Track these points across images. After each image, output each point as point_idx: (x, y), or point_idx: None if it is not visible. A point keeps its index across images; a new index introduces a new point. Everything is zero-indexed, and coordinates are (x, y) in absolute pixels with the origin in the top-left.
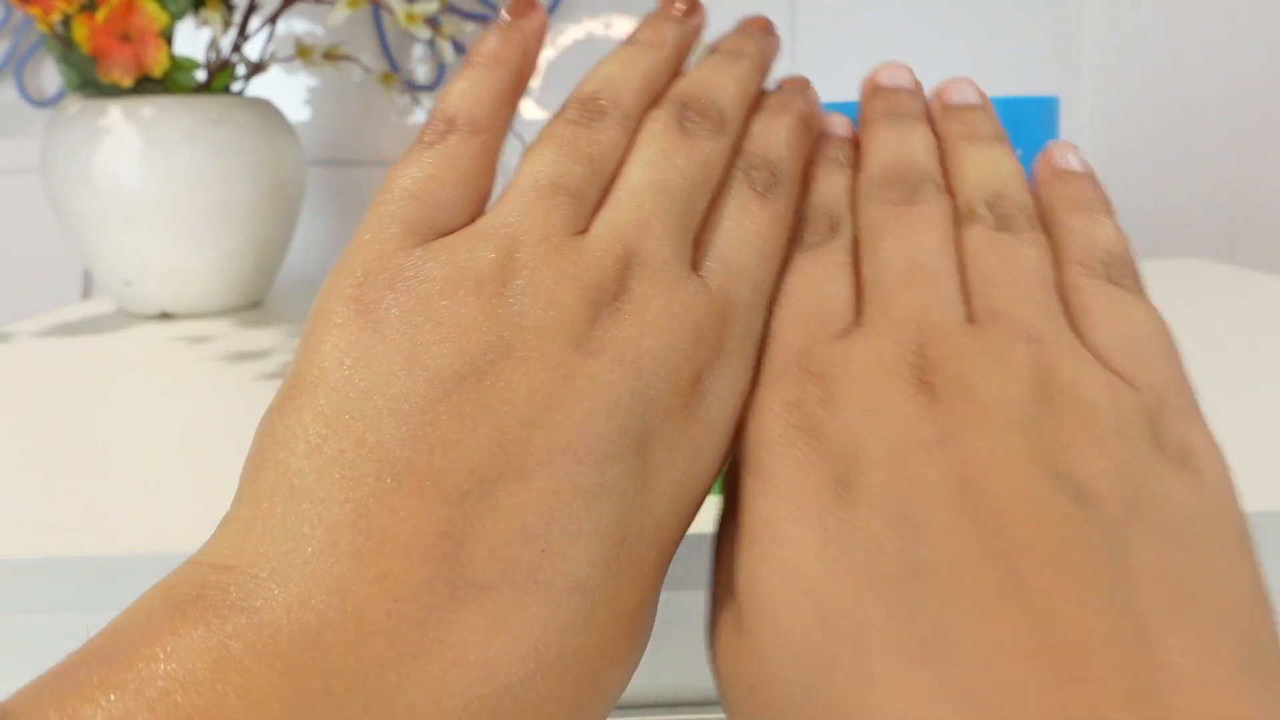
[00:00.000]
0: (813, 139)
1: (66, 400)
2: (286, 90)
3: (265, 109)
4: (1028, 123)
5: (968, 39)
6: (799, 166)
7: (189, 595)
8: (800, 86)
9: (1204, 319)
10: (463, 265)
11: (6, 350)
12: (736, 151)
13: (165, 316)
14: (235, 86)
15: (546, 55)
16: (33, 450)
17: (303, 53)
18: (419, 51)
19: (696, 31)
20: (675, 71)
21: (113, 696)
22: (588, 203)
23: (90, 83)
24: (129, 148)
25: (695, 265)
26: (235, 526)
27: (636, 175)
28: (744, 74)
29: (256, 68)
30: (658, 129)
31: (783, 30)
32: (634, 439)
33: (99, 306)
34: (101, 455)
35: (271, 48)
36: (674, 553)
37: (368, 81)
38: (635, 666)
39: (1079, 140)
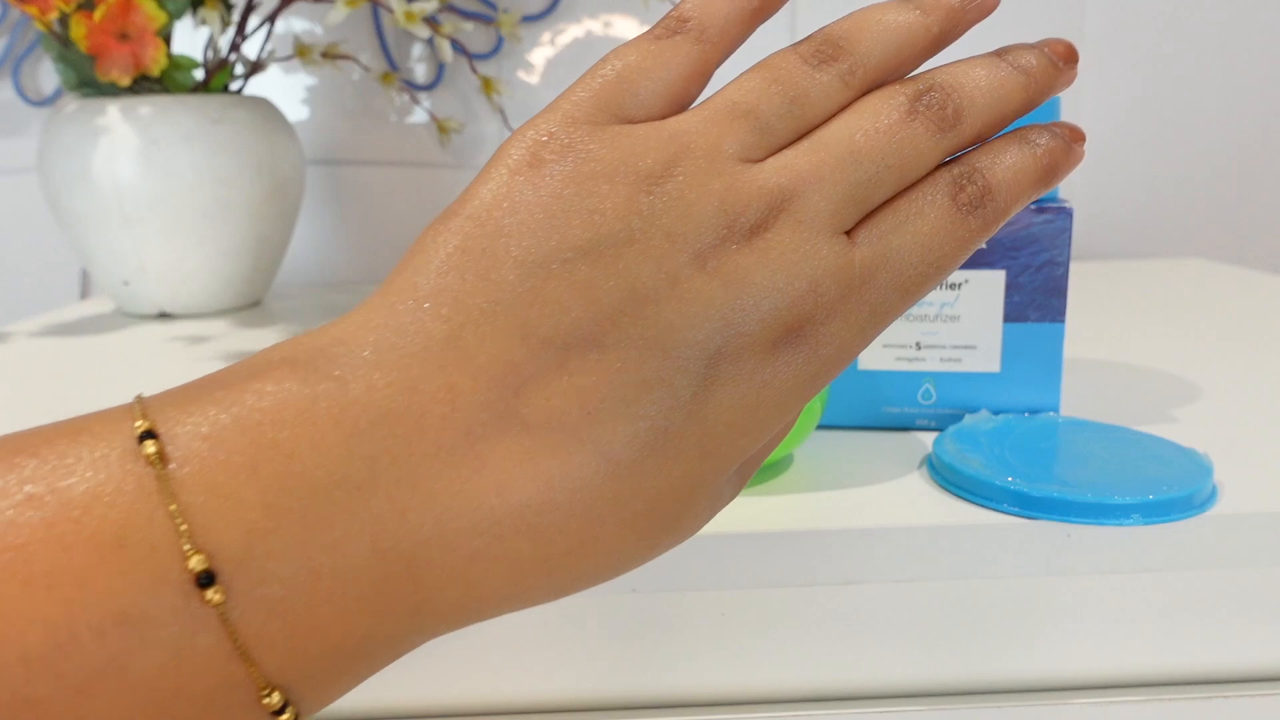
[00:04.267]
0: (1044, 191)
1: (64, 401)
2: (285, 89)
3: (264, 108)
4: (1028, 122)
5: (968, 38)
6: (1016, 206)
7: (304, 354)
8: (1070, 138)
9: (1205, 319)
10: (627, 157)
11: (4, 350)
12: (957, 160)
13: (164, 316)
14: (234, 86)
15: (545, 54)
16: None
17: (301, 52)
18: (418, 50)
19: (982, 13)
20: (935, 48)
21: (217, 411)
22: (774, 137)
23: (88, 82)
24: (127, 147)
25: (852, 232)
26: (365, 308)
27: (834, 132)
28: (1009, 87)
29: (255, 67)
30: (883, 100)
31: (782, 27)
32: (706, 353)
33: (97, 306)
34: None
35: (270, 47)
36: (726, 465)
37: (366, 80)
38: (653, 544)
39: None
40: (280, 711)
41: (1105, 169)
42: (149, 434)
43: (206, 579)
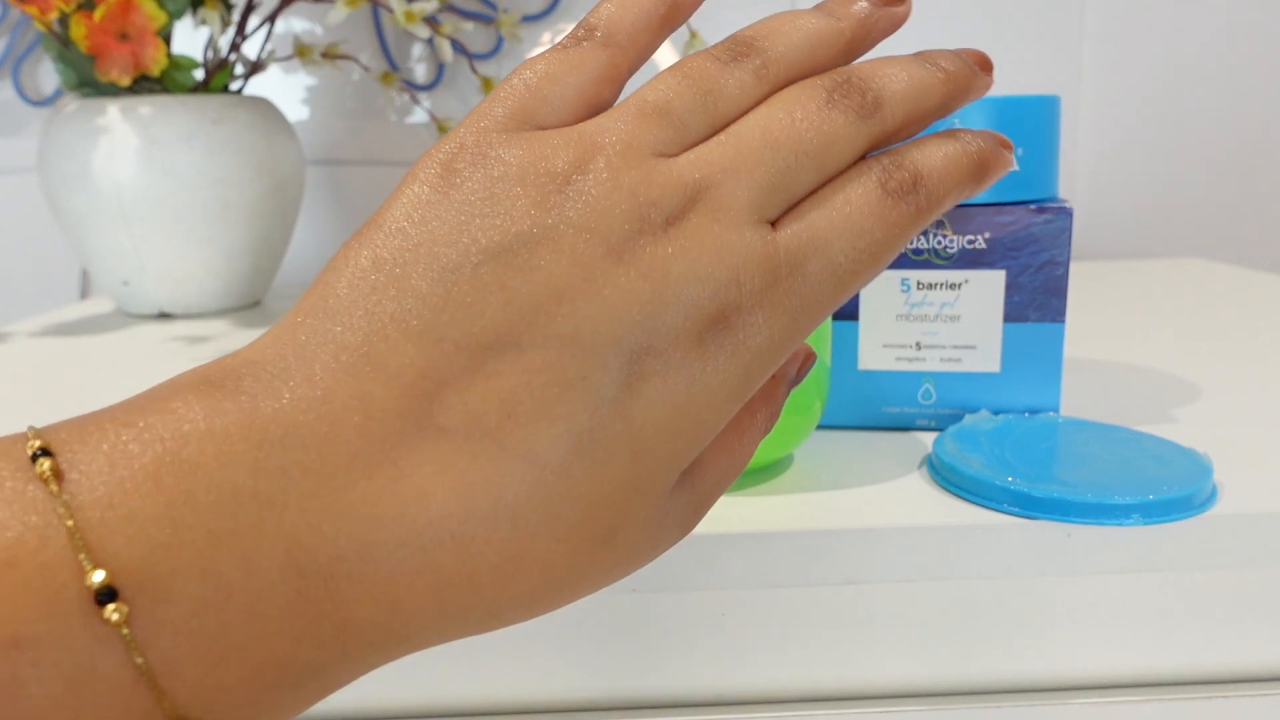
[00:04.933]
0: (976, 189)
1: (64, 400)
2: (285, 89)
3: (264, 108)
4: (1028, 122)
5: (968, 39)
6: (948, 199)
7: (215, 376)
8: (1000, 142)
9: (1205, 319)
10: (539, 159)
11: (4, 350)
12: (885, 152)
13: (163, 316)
14: (234, 85)
15: None
16: None
17: (301, 52)
18: (418, 50)
19: (893, 23)
20: (849, 53)
21: (117, 429)
22: (688, 132)
23: (88, 82)
24: (127, 147)
25: (776, 223)
26: (277, 328)
27: (750, 123)
28: (928, 82)
29: (255, 67)
30: (799, 90)
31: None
32: (629, 348)
33: (97, 306)
34: None
35: (270, 47)
36: (661, 470)
37: (366, 80)
38: (591, 561)
39: (1079, 140)
40: None
41: (1105, 169)
42: (44, 451)
43: (106, 595)
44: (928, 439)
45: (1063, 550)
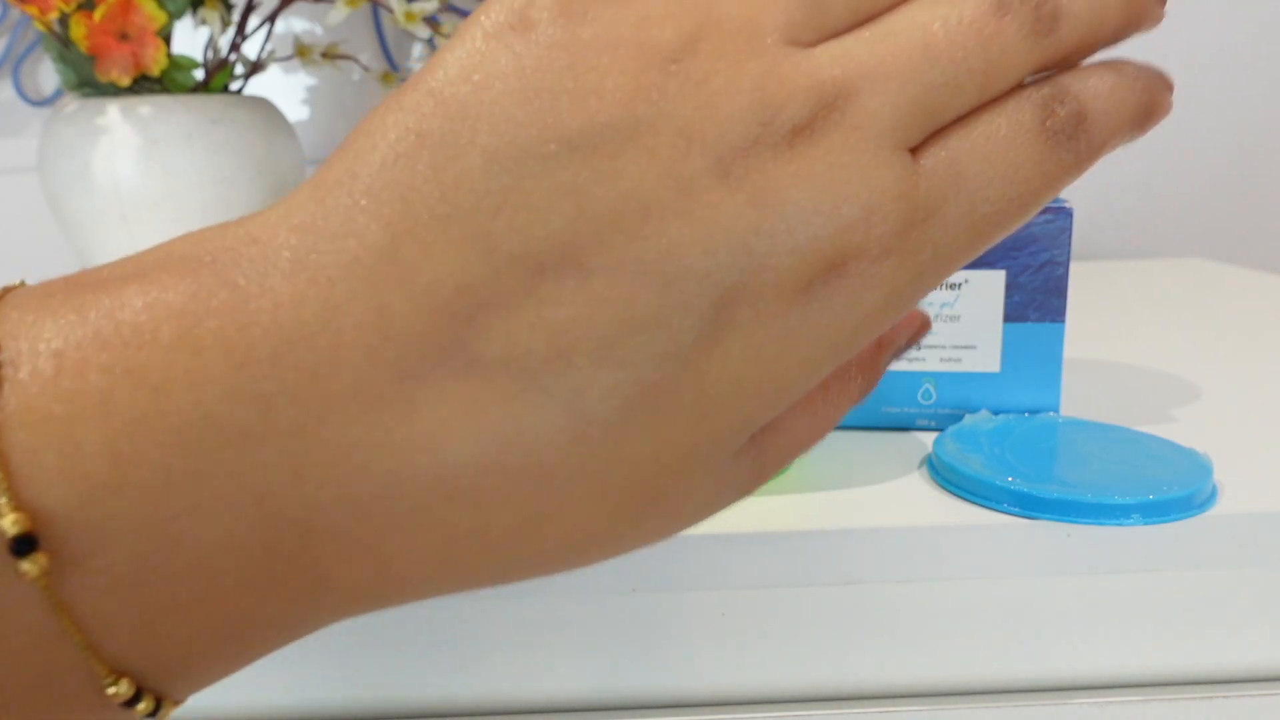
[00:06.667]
0: (1136, 136)
1: None
2: (285, 89)
3: (264, 108)
4: None
5: None
6: (1107, 147)
7: (207, 252)
8: (1165, 84)
9: (1205, 319)
10: (639, 23)
11: None
12: (1043, 80)
13: None
14: (234, 86)
15: None
16: None
17: (301, 52)
18: (418, 50)
19: None
20: None
21: (76, 319)
22: (829, 18)
23: (88, 82)
24: (127, 147)
25: (917, 150)
26: (291, 200)
27: (906, 19)
28: (1105, 6)
29: (255, 67)
30: None
31: None
32: (719, 288)
33: None
34: None
35: (270, 47)
36: (728, 434)
37: (367, 80)
38: (630, 526)
39: None
40: (133, 701)
41: (1105, 169)
42: None
43: (22, 545)
44: (928, 439)
45: (1063, 550)
